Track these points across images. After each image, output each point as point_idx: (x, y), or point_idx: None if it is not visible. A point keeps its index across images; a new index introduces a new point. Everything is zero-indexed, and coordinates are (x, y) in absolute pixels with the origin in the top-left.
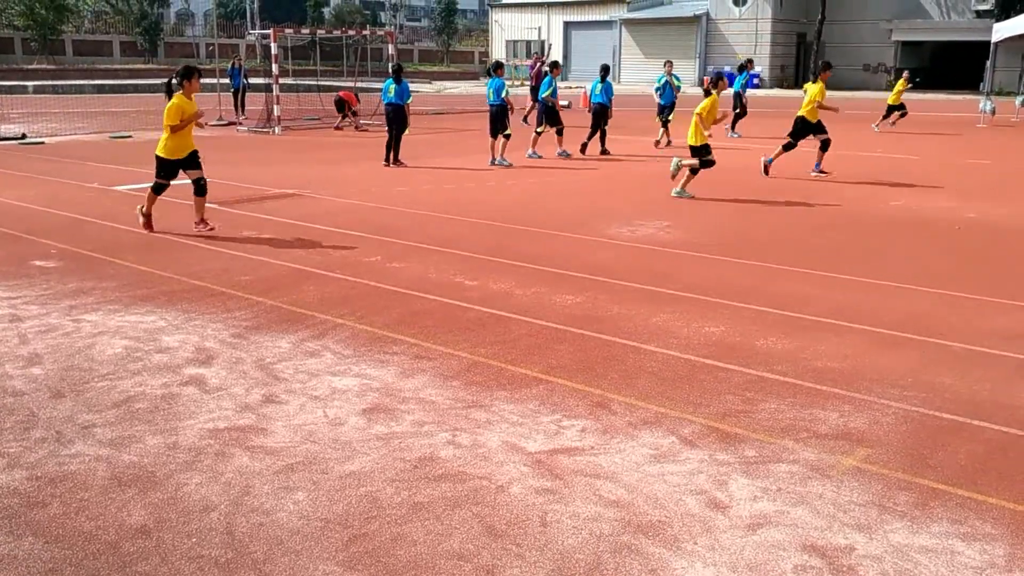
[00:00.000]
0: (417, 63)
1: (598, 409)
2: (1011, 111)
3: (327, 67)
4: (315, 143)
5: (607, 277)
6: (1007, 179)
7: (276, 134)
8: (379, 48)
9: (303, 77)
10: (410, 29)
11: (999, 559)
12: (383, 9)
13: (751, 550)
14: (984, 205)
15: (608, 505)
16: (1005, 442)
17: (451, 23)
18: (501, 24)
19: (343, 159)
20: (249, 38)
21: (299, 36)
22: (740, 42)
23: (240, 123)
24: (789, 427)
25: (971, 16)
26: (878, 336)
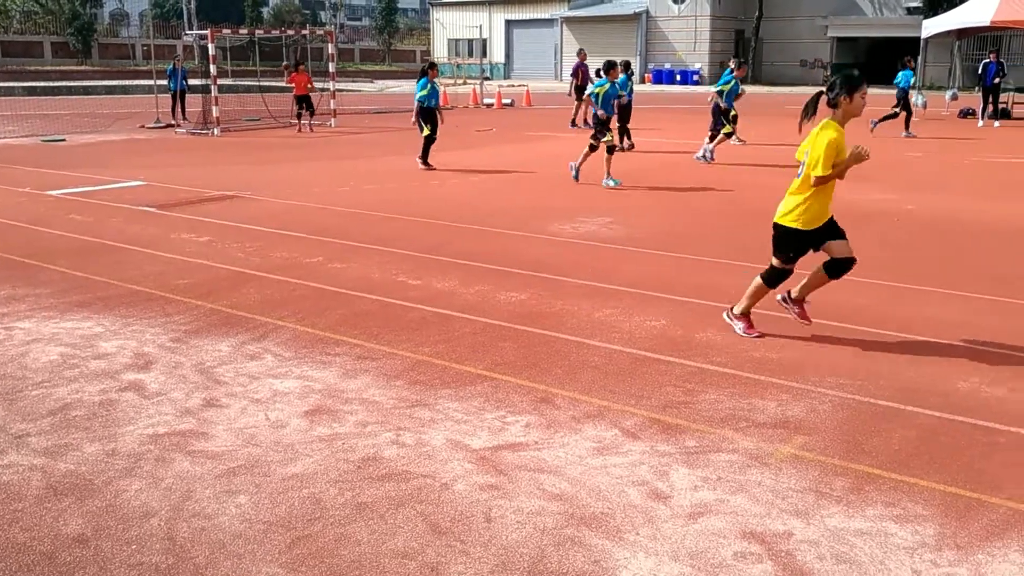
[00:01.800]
0: (358, 63)
1: (542, 404)
2: (941, 105)
3: (267, 67)
4: (256, 144)
5: (550, 274)
6: (941, 170)
7: (215, 135)
8: (319, 48)
9: (243, 78)
10: (351, 28)
11: (930, 539)
12: (323, 8)
13: (692, 539)
14: (920, 196)
15: (552, 499)
16: (937, 427)
17: (392, 22)
18: (442, 23)
19: (284, 160)
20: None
21: (237, 36)
22: (680, 39)
23: (179, 125)
24: (729, 417)
25: (902, 13)
26: (816, 326)
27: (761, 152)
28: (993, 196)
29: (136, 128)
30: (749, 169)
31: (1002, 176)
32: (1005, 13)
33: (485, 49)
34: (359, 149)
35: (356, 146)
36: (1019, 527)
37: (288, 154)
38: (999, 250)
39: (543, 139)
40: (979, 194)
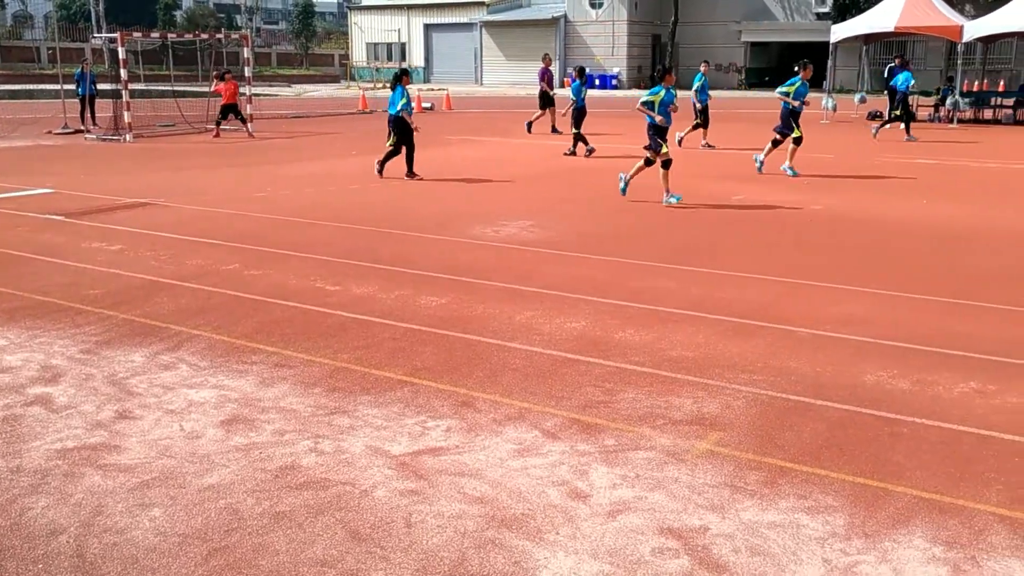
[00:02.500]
0: (275, 67)
1: (463, 408)
2: (851, 108)
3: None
4: (170, 150)
5: (471, 277)
6: (849, 172)
7: (127, 142)
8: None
9: (156, 82)
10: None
11: (839, 529)
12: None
13: (611, 536)
14: (827, 197)
15: (472, 502)
16: (845, 419)
17: (309, 26)
18: (361, 26)
19: (200, 166)
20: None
21: (149, 40)
22: (598, 44)
23: (88, 131)
24: (646, 415)
25: (812, 18)
26: (730, 325)
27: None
28: (899, 195)
29: (43, 134)
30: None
31: (908, 175)
32: (908, 19)
33: (404, 53)
34: (276, 154)
35: (273, 151)
36: (922, 514)
37: (204, 160)
38: (905, 247)
39: (463, 143)
40: (886, 193)
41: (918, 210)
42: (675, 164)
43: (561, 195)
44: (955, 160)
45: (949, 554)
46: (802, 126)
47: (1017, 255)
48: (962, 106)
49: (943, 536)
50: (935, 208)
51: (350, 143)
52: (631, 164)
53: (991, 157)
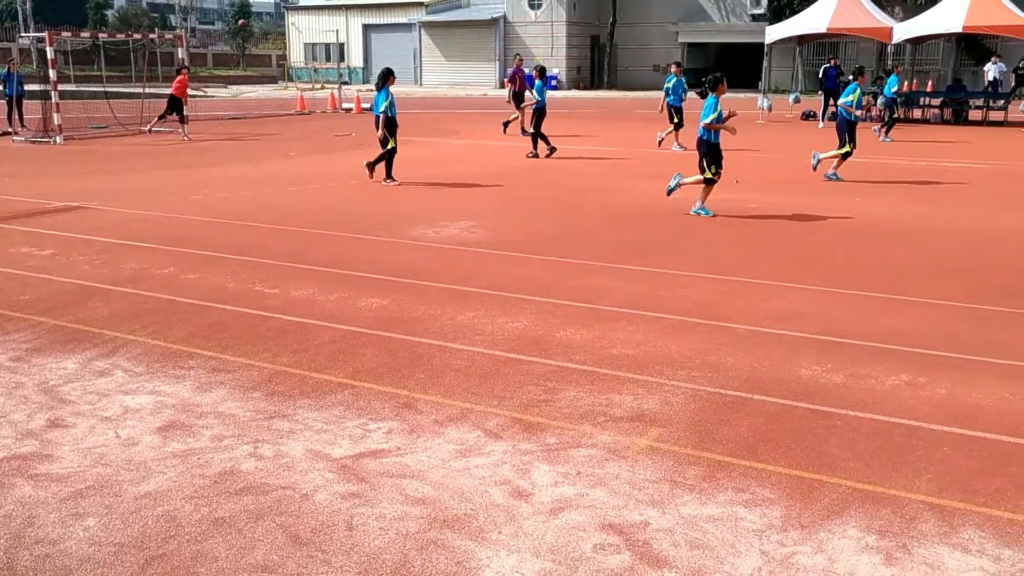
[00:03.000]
0: (212, 67)
1: (404, 410)
2: (785, 108)
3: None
4: (103, 153)
5: (412, 279)
6: (783, 171)
7: (58, 144)
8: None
9: (87, 83)
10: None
11: (776, 520)
12: (172, 12)
13: (553, 534)
14: (763, 196)
15: (414, 503)
16: (782, 413)
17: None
18: (298, 27)
19: (134, 169)
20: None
21: (79, 40)
22: (538, 44)
23: (17, 133)
24: (588, 413)
25: (748, 19)
26: (669, 322)
27: (618, 153)
28: (833, 193)
29: None
30: (608, 170)
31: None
32: (839, 21)
33: (343, 53)
34: (213, 156)
35: (210, 153)
36: (856, 505)
37: (138, 163)
38: (838, 244)
39: (402, 144)
40: (817, 192)
41: (851, 208)
42: (619, 163)
43: (503, 196)
44: (886, 159)
45: (882, 542)
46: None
47: (945, 250)
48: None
49: (876, 525)
50: (867, 205)
51: (288, 144)
52: (580, 166)
53: (921, 155)
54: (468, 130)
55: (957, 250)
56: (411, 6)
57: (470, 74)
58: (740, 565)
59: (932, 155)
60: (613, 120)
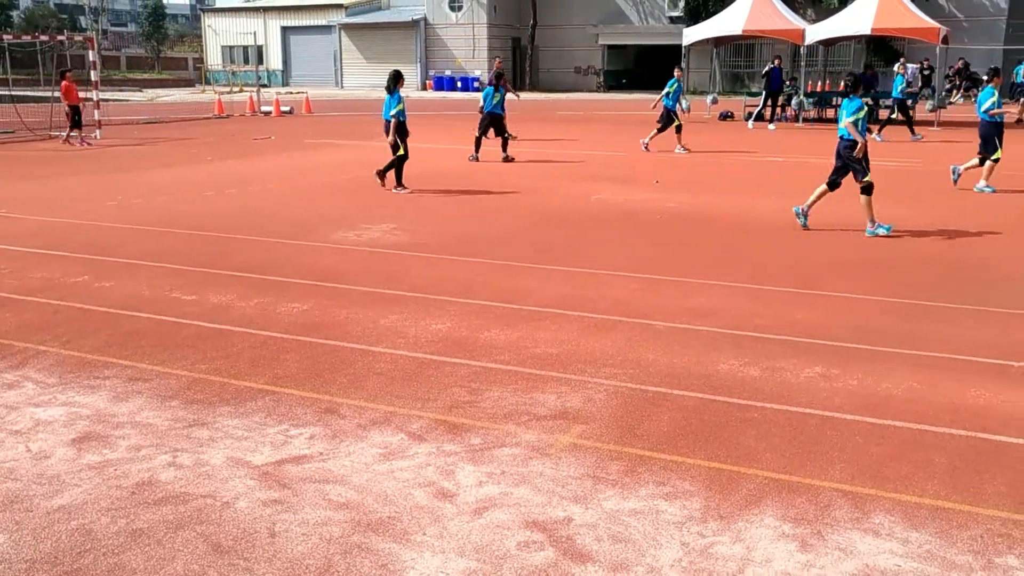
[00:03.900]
0: (125, 70)
1: (327, 415)
2: (704, 109)
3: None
4: (11, 158)
5: (334, 283)
6: (701, 171)
7: None
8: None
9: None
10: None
11: (696, 512)
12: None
13: (477, 533)
14: (681, 195)
15: (338, 508)
16: (701, 407)
17: (160, 28)
18: (215, 29)
19: (44, 175)
20: None
21: None
22: (459, 47)
23: None
24: (512, 412)
25: (666, 22)
26: (592, 321)
27: (543, 155)
28: (749, 192)
29: None
30: (530, 172)
31: (759, 174)
32: (754, 23)
33: (261, 56)
34: (127, 161)
35: (125, 158)
36: (773, 494)
37: (49, 168)
38: (754, 241)
39: (323, 147)
40: (737, 191)
41: (766, 205)
42: (547, 165)
43: (427, 198)
44: (802, 158)
45: (797, 530)
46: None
47: (854, 246)
48: (806, 106)
49: (791, 514)
50: (780, 203)
51: (206, 149)
52: (508, 168)
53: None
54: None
55: (867, 245)
56: (330, 8)
57: None
58: (661, 557)
59: None
60: (535, 122)
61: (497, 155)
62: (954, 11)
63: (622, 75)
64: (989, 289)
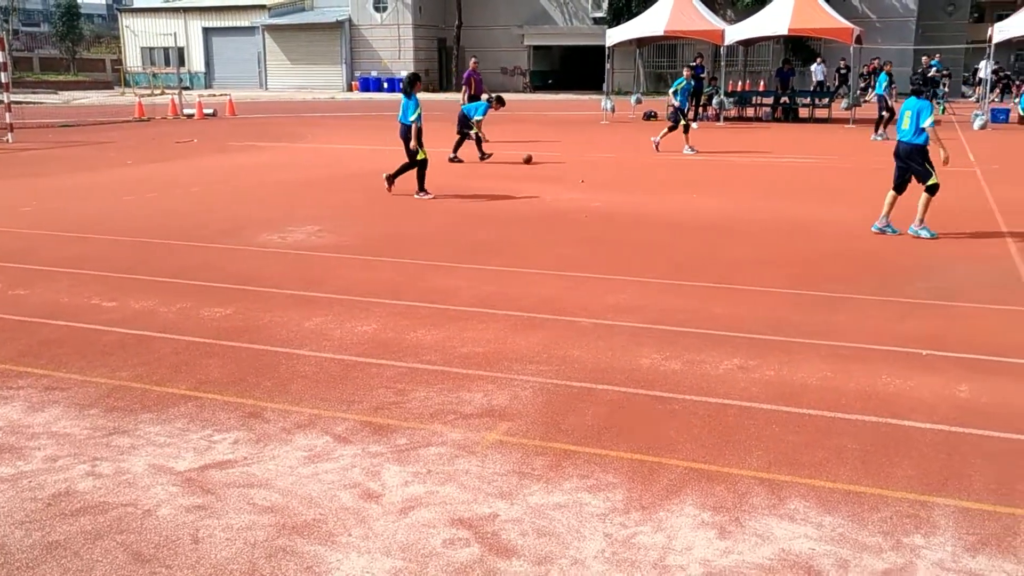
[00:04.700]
0: (39, 72)
1: (251, 419)
2: (628, 109)
3: None
4: None
5: (258, 286)
6: (627, 171)
7: None
8: None
9: None
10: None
11: (619, 504)
12: None
13: (403, 533)
14: (606, 195)
15: (262, 512)
16: (624, 401)
17: (75, 28)
18: (133, 30)
19: None
20: None
21: None
22: (384, 47)
23: None
24: (438, 412)
25: (590, 23)
26: (518, 319)
27: (468, 154)
28: (672, 190)
29: None
30: (455, 171)
31: (682, 173)
32: (675, 24)
33: (183, 58)
34: (43, 166)
35: (40, 163)
36: (693, 483)
37: None
38: (675, 238)
39: (247, 150)
40: (657, 190)
41: (687, 203)
42: (471, 165)
43: (351, 199)
44: (722, 156)
45: (716, 518)
46: (582, 127)
47: (770, 241)
48: (727, 105)
49: (711, 502)
50: (702, 201)
51: (126, 152)
52: (436, 168)
53: (753, 152)
54: (316, 134)
55: (782, 240)
56: (253, 9)
57: (317, 77)
58: (584, 549)
59: (764, 151)
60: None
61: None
62: (867, 11)
63: (548, 75)
64: (891, 280)
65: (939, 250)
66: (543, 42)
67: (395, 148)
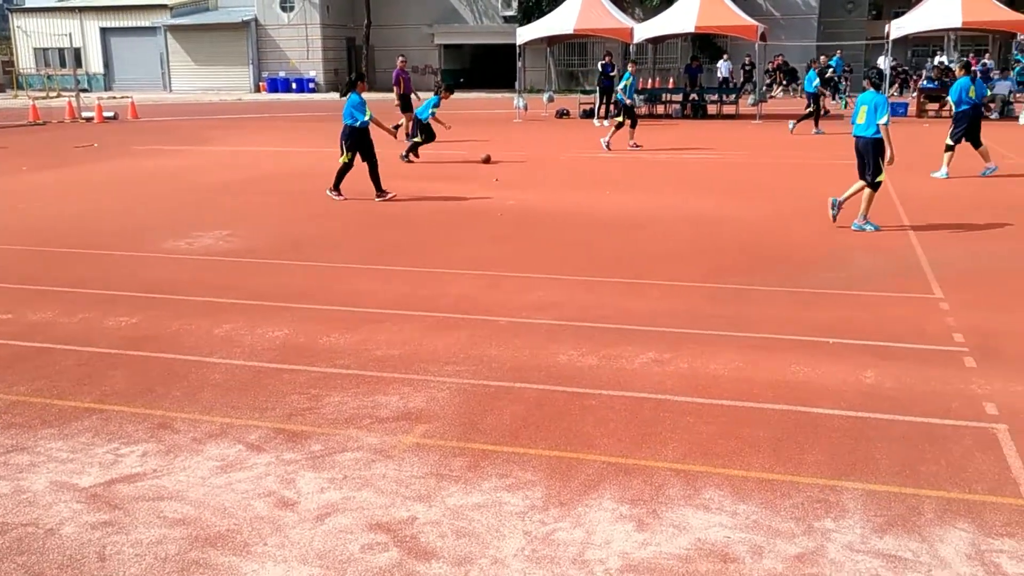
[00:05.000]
0: None
1: (160, 430)
2: (540, 107)
3: None
4: None
5: (165, 294)
6: (541, 169)
7: None
8: None
9: None
10: None
11: (538, 501)
12: None
13: (320, 540)
14: (522, 193)
15: (173, 525)
16: (541, 398)
17: None
18: (25, 30)
19: None
20: None
21: None
22: (292, 47)
23: None
24: (353, 416)
25: (500, 21)
26: (434, 320)
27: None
28: (585, 188)
29: None
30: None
31: (597, 170)
32: (584, 22)
33: (80, 59)
34: None
35: None
36: (610, 477)
37: None
38: (589, 235)
39: (152, 154)
40: (571, 188)
41: (603, 200)
42: (384, 165)
43: (262, 202)
44: (636, 153)
45: (634, 511)
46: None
47: (682, 236)
48: (638, 103)
49: (628, 495)
50: (618, 198)
51: (21, 158)
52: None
53: (665, 149)
54: (224, 137)
55: (696, 235)
56: (154, 9)
57: (223, 79)
58: (504, 548)
59: (675, 148)
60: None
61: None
62: (771, 9)
63: (460, 74)
64: (799, 272)
65: (845, 241)
66: (454, 41)
67: (308, 149)
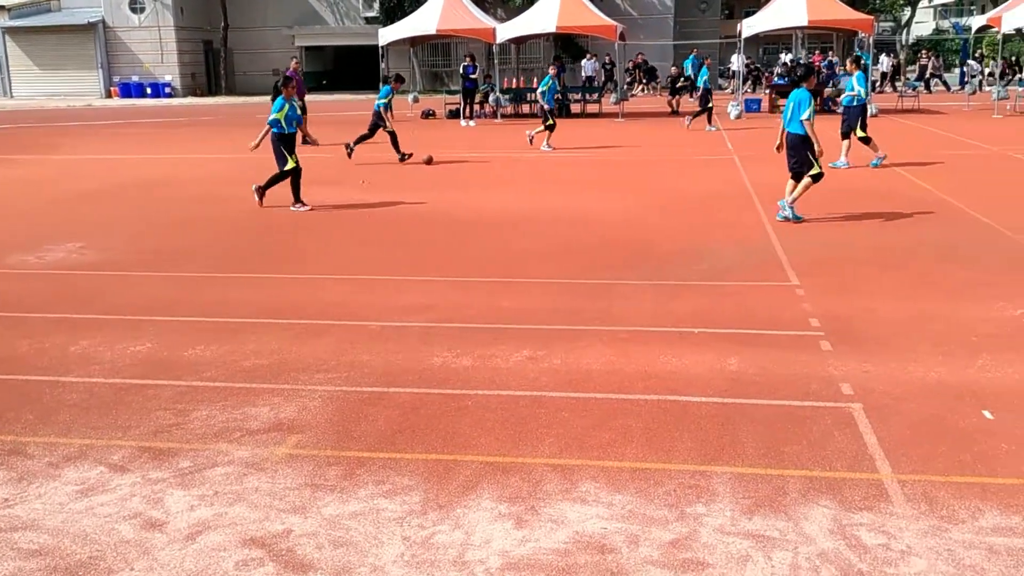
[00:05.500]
0: None
1: (11, 457)
2: (406, 107)
3: None
4: None
5: (14, 311)
6: (409, 170)
7: None
8: None
9: None
10: None
11: (416, 506)
12: None
13: (191, 559)
14: (390, 195)
15: (29, 556)
16: (416, 402)
17: None
18: None
19: None
20: None
21: None
22: (145, 51)
23: None
24: (222, 430)
25: (362, 22)
26: (303, 327)
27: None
28: (454, 189)
29: None
30: (226, 178)
31: (465, 171)
32: (447, 22)
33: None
34: None
35: None
36: (488, 477)
37: None
38: (459, 236)
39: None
40: (441, 188)
41: (472, 201)
42: (247, 170)
43: (118, 212)
44: (506, 152)
45: (512, 508)
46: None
47: (555, 234)
48: (503, 103)
49: (507, 494)
50: (487, 198)
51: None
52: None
53: (533, 148)
54: (74, 144)
55: (565, 232)
56: None
57: (70, 83)
58: (383, 555)
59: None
60: (233, 127)
61: (183, 163)
62: (629, 9)
63: (322, 76)
64: (664, 265)
65: (707, 234)
66: (315, 43)
67: (167, 156)
